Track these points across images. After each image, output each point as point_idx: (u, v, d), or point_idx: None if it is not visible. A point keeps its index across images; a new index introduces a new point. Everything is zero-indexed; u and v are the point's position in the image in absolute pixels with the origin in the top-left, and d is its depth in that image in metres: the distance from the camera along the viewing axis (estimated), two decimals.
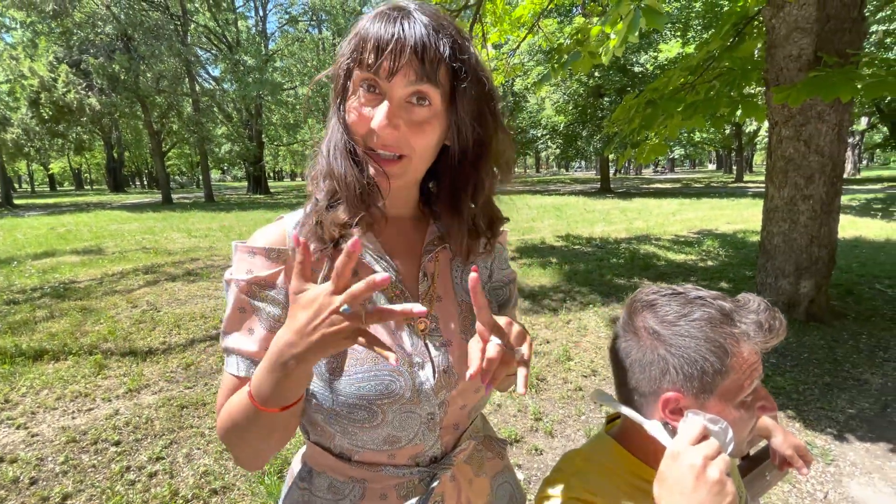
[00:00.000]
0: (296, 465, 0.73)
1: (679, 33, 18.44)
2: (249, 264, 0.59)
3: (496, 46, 6.07)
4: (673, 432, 0.59)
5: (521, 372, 0.51)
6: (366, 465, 0.64)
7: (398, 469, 0.65)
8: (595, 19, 3.84)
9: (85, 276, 5.64)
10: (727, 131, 28.42)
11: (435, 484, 0.65)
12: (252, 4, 23.12)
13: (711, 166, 68.53)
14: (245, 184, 33.42)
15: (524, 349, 0.53)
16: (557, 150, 27.43)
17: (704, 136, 27.37)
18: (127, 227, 10.85)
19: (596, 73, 18.21)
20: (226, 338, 0.59)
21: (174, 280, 5.36)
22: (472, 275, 0.51)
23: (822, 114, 3.32)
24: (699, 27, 18.14)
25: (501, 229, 0.75)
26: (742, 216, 10.40)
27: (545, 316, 4.06)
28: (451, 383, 0.63)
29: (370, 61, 0.53)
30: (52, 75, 14.95)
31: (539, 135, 27.45)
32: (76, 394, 2.75)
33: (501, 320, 0.53)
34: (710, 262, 5.96)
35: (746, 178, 28.92)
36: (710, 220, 9.91)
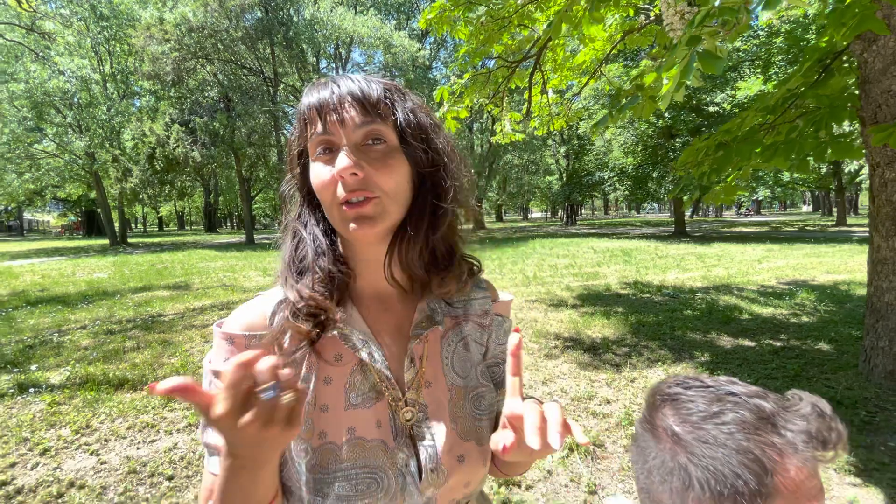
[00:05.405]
0: None
1: (759, 70, 17.50)
2: (227, 352, 0.57)
3: (557, 92, 6.10)
4: None
5: (577, 429, 0.45)
6: None
7: None
8: (650, 63, 3.74)
9: (171, 311, 6.20)
10: (823, 170, 25.89)
11: None
12: (333, 65, 25.64)
13: (806, 208, 62.20)
14: None
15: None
16: (626, 192, 26.53)
17: (795, 175, 25.07)
18: (213, 265, 11.94)
19: (666, 114, 17.64)
20: (205, 432, 0.57)
21: None
22: (514, 336, 0.49)
23: None
24: (783, 63, 17.15)
25: (503, 297, 0.70)
26: (846, 265, 9.15)
27: (606, 372, 3.74)
28: (439, 481, 0.56)
29: (318, 123, 0.54)
30: (167, 133, 17.41)
31: (606, 177, 26.81)
32: (144, 424, 2.93)
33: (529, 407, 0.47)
34: (804, 318, 5.24)
35: (851, 221, 25.77)
36: (806, 269, 8.84)
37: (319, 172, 0.55)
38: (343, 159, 0.52)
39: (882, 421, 2.81)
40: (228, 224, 63.03)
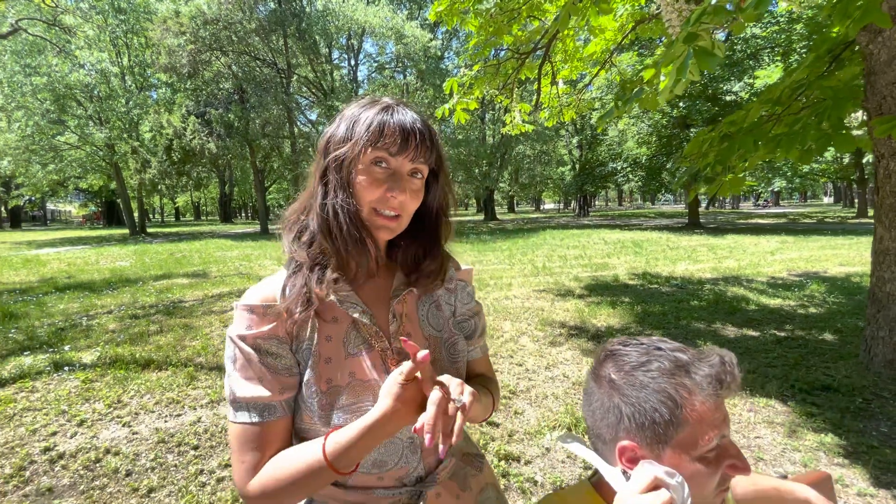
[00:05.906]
0: None
1: (779, 58, 17.08)
2: (248, 320, 0.69)
3: (568, 82, 6.12)
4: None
5: (458, 419, 0.58)
6: (359, 489, 0.72)
7: (388, 490, 0.72)
8: (663, 51, 3.77)
9: (191, 297, 6.46)
10: (846, 160, 25.26)
11: (422, 502, 0.72)
12: (346, 56, 25.73)
13: (828, 199, 60.70)
14: None
15: (464, 397, 0.60)
16: (639, 183, 26.25)
17: (814, 166, 24.50)
18: (229, 254, 12.25)
19: (681, 104, 17.37)
20: (235, 390, 0.67)
21: None
22: (422, 353, 0.61)
23: None
24: (804, 51, 16.67)
25: (465, 268, 0.88)
26: (862, 257, 9.05)
27: None
28: None
29: (391, 144, 0.67)
30: (183, 125, 17.77)
31: (619, 167, 26.53)
32: (170, 400, 3.15)
33: (445, 379, 0.63)
34: (812, 309, 5.26)
35: (872, 213, 25.12)
36: (818, 261, 8.77)
37: (369, 178, 0.68)
38: (400, 185, 0.68)
39: (877, 408, 2.88)
40: (243, 214, 63.97)
